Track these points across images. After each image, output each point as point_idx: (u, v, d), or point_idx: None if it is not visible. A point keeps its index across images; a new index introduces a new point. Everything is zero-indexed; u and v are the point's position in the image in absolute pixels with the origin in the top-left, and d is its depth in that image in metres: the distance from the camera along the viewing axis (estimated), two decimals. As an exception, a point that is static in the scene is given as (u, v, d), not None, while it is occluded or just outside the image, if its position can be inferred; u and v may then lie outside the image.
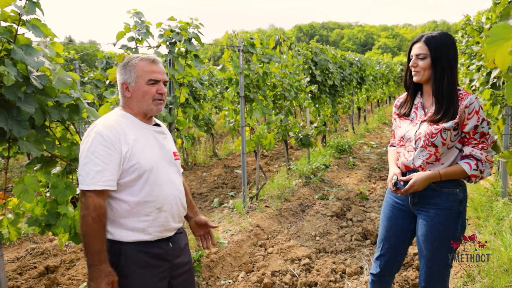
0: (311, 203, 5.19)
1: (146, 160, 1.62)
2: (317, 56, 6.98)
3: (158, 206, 1.64)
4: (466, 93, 1.90)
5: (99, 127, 1.59)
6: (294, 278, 3.22)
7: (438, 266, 1.96)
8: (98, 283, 1.50)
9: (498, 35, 1.22)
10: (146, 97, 1.67)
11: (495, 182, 4.24)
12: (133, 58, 1.72)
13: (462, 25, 5.73)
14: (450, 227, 1.93)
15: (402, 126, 2.05)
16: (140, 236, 1.62)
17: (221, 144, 10.22)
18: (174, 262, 1.74)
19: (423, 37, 1.91)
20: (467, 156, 1.90)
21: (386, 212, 2.17)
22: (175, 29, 3.49)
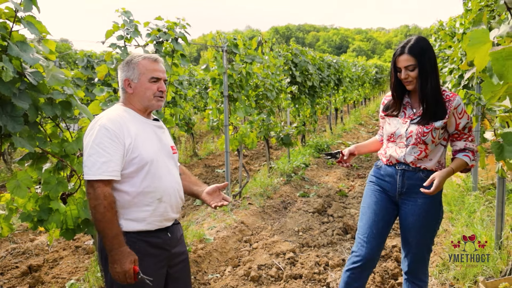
0: (293, 200, 5.33)
1: (147, 152, 1.69)
2: (297, 58, 7.14)
3: (158, 197, 1.71)
4: (452, 94, 2.04)
5: (103, 120, 1.65)
6: (280, 271, 3.33)
7: (423, 252, 2.11)
8: (122, 263, 1.55)
9: (477, 39, 1.37)
10: (148, 93, 1.76)
11: (466, 178, 4.50)
12: (136, 56, 1.80)
13: (435, 30, 6.02)
14: (435, 214, 2.09)
15: (392, 123, 2.14)
16: (140, 225, 1.69)
17: (201, 144, 10.24)
18: (172, 251, 1.81)
19: (406, 47, 2.00)
20: (462, 149, 2.06)
21: (372, 197, 2.20)
22: (162, 29, 3.54)
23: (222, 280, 3.25)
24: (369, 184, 2.29)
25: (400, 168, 2.11)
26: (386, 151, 2.19)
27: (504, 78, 1.10)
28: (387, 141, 2.20)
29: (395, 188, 2.13)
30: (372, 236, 2.13)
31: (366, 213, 2.21)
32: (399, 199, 2.14)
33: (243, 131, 5.15)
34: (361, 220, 2.23)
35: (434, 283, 2.87)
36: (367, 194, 2.27)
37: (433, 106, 2.00)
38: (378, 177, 2.22)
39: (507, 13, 1.71)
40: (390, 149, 2.15)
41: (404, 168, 2.09)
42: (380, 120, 2.31)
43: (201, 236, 3.84)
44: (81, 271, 3.65)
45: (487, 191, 4.07)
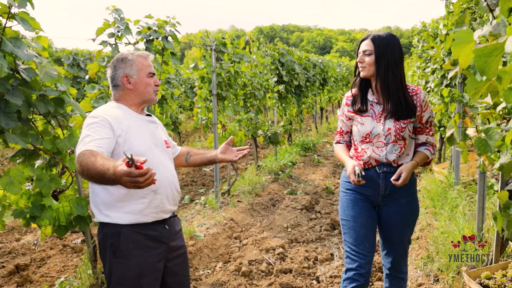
0: (281, 197, 5.40)
1: (139, 145, 1.73)
2: (283, 57, 7.23)
3: (154, 188, 1.73)
4: (417, 87, 2.06)
5: (98, 112, 1.71)
6: (270, 266, 3.39)
7: (405, 247, 2.16)
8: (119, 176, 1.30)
9: (462, 39, 1.45)
10: (148, 88, 1.83)
11: (448, 174, 4.65)
12: (129, 53, 1.85)
13: (418, 31, 6.19)
14: (416, 209, 2.15)
15: (365, 123, 2.04)
16: (137, 218, 1.71)
17: (187, 143, 10.23)
18: (170, 244, 1.83)
19: (371, 35, 2.03)
20: (423, 143, 2.10)
21: (356, 209, 2.07)
22: (152, 27, 3.56)
23: (213, 276, 3.29)
24: (347, 193, 2.12)
25: (381, 171, 2.03)
26: (363, 153, 2.06)
27: (486, 74, 1.17)
28: (361, 142, 2.08)
29: (378, 192, 2.05)
30: (367, 250, 2.02)
31: (353, 227, 2.06)
32: (381, 202, 2.09)
33: (232, 129, 5.20)
34: (350, 236, 2.07)
35: (419, 275, 2.98)
36: (348, 206, 2.10)
37: (401, 101, 1.98)
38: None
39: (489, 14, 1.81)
40: (368, 151, 2.04)
41: (385, 170, 2.02)
42: (345, 123, 2.18)
43: (192, 233, 3.86)
44: (70, 269, 3.63)
45: (469, 187, 4.22)
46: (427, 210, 4.12)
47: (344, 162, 2.07)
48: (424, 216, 3.97)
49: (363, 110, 2.06)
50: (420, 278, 2.93)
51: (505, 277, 2.23)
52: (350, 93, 2.16)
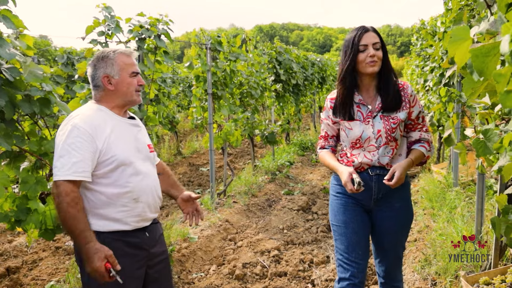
0: (278, 198, 5.33)
1: (122, 152, 1.65)
2: (281, 56, 7.15)
3: (135, 197, 1.67)
4: (404, 82, 1.96)
5: (76, 120, 1.60)
6: (265, 269, 3.33)
7: (400, 253, 2.06)
8: (90, 261, 1.50)
9: (458, 36, 1.38)
10: (131, 88, 1.72)
11: (447, 175, 4.58)
12: (110, 51, 1.73)
13: (417, 29, 6.11)
14: (410, 214, 2.04)
15: (354, 128, 1.91)
16: (117, 226, 1.65)
17: (185, 142, 10.16)
18: (151, 251, 1.77)
19: (368, 27, 1.87)
20: (418, 140, 1.97)
21: (347, 214, 1.96)
22: (144, 25, 3.48)
23: (206, 279, 3.23)
24: (337, 197, 2.01)
25: (374, 174, 1.91)
26: (353, 159, 1.94)
27: (483, 74, 1.10)
28: (351, 148, 1.95)
29: (370, 196, 1.93)
30: (360, 258, 1.92)
31: (345, 233, 1.95)
32: (373, 206, 1.97)
33: (228, 129, 5.13)
34: (341, 243, 1.96)
35: (416, 278, 2.91)
36: (338, 210, 1.99)
37: (393, 93, 1.88)
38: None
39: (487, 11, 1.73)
40: (359, 156, 1.92)
41: (378, 172, 1.91)
42: (331, 127, 2.02)
43: (185, 235, 3.80)
44: (61, 272, 3.57)
45: (468, 187, 4.15)
46: (425, 211, 4.06)
47: (336, 169, 1.91)
48: (422, 218, 3.90)
49: (351, 117, 1.91)
50: (417, 281, 2.86)
51: (504, 282, 2.16)
52: (333, 94, 2.00)
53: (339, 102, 1.94)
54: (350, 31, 1.93)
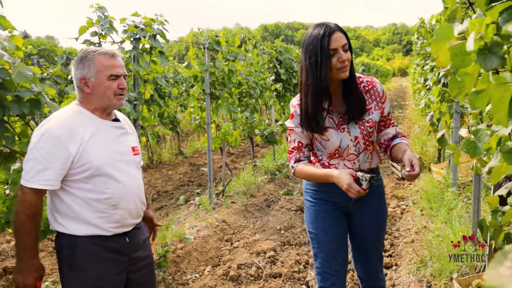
0: (277, 198, 5.31)
1: (99, 157, 1.58)
2: (281, 55, 7.12)
3: (114, 203, 1.62)
4: (371, 78, 1.84)
5: (51, 124, 1.55)
6: (260, 270, 3.30)
7: (381, 251, 2.02)
8: (25, 276, 1.53)
9: (441, 35, 1.35)
10: (108, 92, 1.63)
11: (446, 175, 4.53)
12: (91, 51, 1.65)
13: (417, 28, 6.06)
14: (386, 210, 1.99)
15: (331, 138, 1.77)
16: (95, 230, 1.60)
17: (186, 142, 10.17)
18: (133, 256, 1.72)
19: (335, 25, 1.68)
20: (395, 136, 1.86)
21: (326, 220, 1.86)
22: (139, 25, 3.47)
23: (201, 280, 3.21)
24: (314, 203, 1.89)
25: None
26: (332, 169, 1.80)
27: (464, 73, 1.07)
28: (329, 158, 1.83)
29: (350, 198, 1.82)
30: (340, 265, 1.86)
31: (324, 241, 1.86)
32: (353, 207, 1.90)
33: (226, 129, 5.11)
34: (321, 251, 1.86)
35: (411, 280, 2.87)
36: (317, 217, 1.88)
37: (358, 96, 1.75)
38: (326, 191, 1.85)
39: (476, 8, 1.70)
40: (339, 166, 1.81)
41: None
42: (303, 135, 1.83)
43: (181, 236, 3.79)
44: (57, 273, 3.57)
45: (467, 187, 4.10)
46: (424, 212, 4.01)
47: (329, 175, 1.68)
48: (419, 219, 3.86)
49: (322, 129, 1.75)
50: (412, 283, 2.83)
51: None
52: (296, 101, 1.82)
53: (308, 113, 1.75)
54: (312, 28, 1.71)
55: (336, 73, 1.68)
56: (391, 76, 44.29)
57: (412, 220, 4.02)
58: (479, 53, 0.79)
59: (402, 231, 3.88)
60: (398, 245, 3.61)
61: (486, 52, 0.78)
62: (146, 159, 8.15)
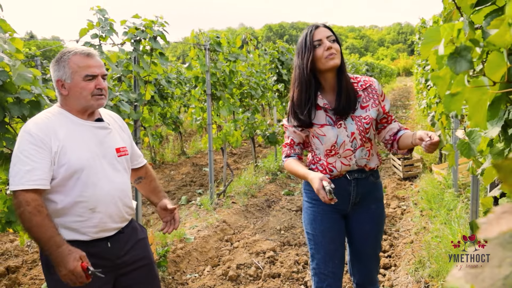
0: (277, 198, 5.32)
1: (77, 158, 1.55)
2: (283, 56, 7.13)
3: (91, 207, 1.57)
4: (368, 78, 1.89)
5: (29, 125, 1.54)
6: (259, 270, 3.32)
7: (377, 256, 2.02)
8: (65, 263, 1.43)
9: (430, 37, 1.36)
10: (84, 93, 1.58)
11: (447, 175, 4.52)
12: (66, 52, 1.60)
13: (418, 28, 6.04)
14: (384, 214, 2.01)
15: (327, 133, 1.80)
16: (74, 235, 1.56)
17: (189, 142, 10.21)
18: (118, 261, 1.68)
19: (320, 24, 1.79)
20: (398, 129, 1.89)
21: (324, 222, 1.88)
22: (140, 27, 3.50)
23: (200, 280, 3.24)
24: (313, 204, 1.91)
25: (352, 178, 1.85)
26: (331, 168, 1.85)
27: (450, 76, 1.09)
28: (326, 156, 1.85)
29: (348, 200, 1.88)
30: (337, 267, 1.88)
31: (321, 242, 1.88)
32: (350, 211, 1.92)
33: (227, 129, 5.13)
34: (318, 252, 1.89)
35: (409, 281, 2.88)
36: (315, 218, 1.89)
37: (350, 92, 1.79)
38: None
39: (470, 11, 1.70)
40: (336, 164, 1.83)
41: (356, 176, 1.86)
42: (297, 134, 1.89)
43: (181, 236, 3.82)
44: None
45: (467, 188, 4.09)
46: (423, 212, 4.01)
47: (306, 176, 1.75)
48: (419, 219, 3.86)
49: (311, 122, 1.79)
50: (410, 284, 2.83)
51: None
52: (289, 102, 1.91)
53: (295, 104, 1.82)
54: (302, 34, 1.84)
55: (325, 62, 1.73)
56: (396, 76, 44.12)
57: (412, 220, 4.02)
58: (450, 56, 0.80)
59: (401, 232, 3.89)
60: (397, 246, 3.62)
61: (456, 56, 0.79)
62: (148, 160, 8.20)
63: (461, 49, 0.78)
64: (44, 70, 6.51)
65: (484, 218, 0.40)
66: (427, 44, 1.39)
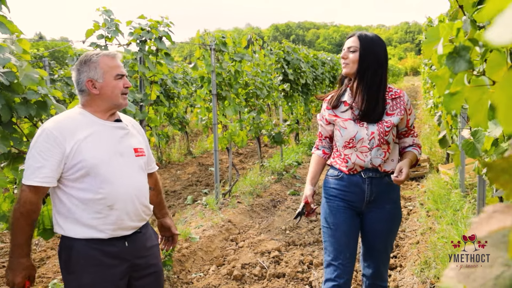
0: (283, 198, 5.32)
1: (94, 157, 1.60)
2: (289, 55, 7.12)
3: (109, 203, 1.62)
4: (400, 90, 2.01)
5: (47, 123, 1.62)
6: (264, 270, 3.33)
7: (388, 254, 2.10)
8: (15, 275, 1.55)
9: (433, 37, 1.35)
10: (116, 91, 1.68)
11: (454, 175, 4.48)
12: (93, 55, 1.70)
13: (425, 27, 6.00)
14: (400, 215, 2.09)
15: (348, 127, 1.97)
16: (92, 233, 1.60)
17: (196, 142, 10.24)
18: (135, 262, 1.71)
19: (358, 33, 1.98)
20: (410, 145, 2.05)
21: (338, 216, 1.99)
22: (145, 28, 3.52)
23: (205, 279, 3.25)
24: (329, 199, 2.04)
25: (367, 176, 1.96)
26: (346, 159, 1.99)
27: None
28: (344, 148, 1.99)
29: (363, 198, 1.98)
30: (347, 260, 1.96)
31: (334, 235, 1.99)
32: (365, 209, 2.02)
33: (233, 129, 5.14)
34: (331, 244, 2.00)
35: (415, 282, 2.86)
36: (330, 213, 2.02)
37: (376, 104, 1.92)
38: (340, 189, 2.00)
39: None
40: (352, 156, 1.97)
41: (371, 175, 1.96)
42: (324, 128, 2.10)
43: (187, 235, 3.83)
44: (66, 270, 3.65)
45: (474, 189, 4.06)
46: (430, 213, 3.98)
47: (306, 183, 2.07)
48: (425, 220, 3.83)
49: (335, 105, 2.03)
50: (415, 285, 2.82)
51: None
52: (329, 94, 2.11)
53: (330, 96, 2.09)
54: None
55: (343, 68, 1.98)
56: (403, 76, 43.81)
57: (418, 221, 3.99)
58: (449, 56, 0.80)
59: (407, 232, 3.86)
60: (403, 246, 3.60)
61: (455, 55, 0.79)
62: (155, 159, 8.24)
63: (459, 48, 0.78)
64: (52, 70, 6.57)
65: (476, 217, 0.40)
66: (429, 43, 1.38)
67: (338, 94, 2.04)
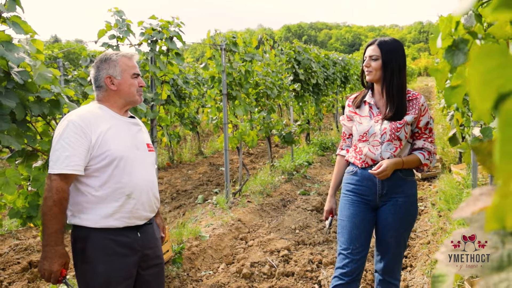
0: (293, 198, 5.32)
1: (117, 147, 1.70)
2: (300, 55, 7.12)
3: (128, 192, 1.70)
4: (417, 93, 2.11)
5: (72, 116, 1.69)
6: (273, 268, 3.33)
7: (401, 250, 2.10)
8: (52, 263, 1.58)
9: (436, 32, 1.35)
10: (132, 88, 1.81)
11: (466, 175, 4.42)
12: (113, 54, 1.83)
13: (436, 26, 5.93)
14: (414, 211, 2.11)
15: (363, 122, 2.10)
16: (107, 221, 1.67)
17: (207, 142, 10.29)
18: (145, 252, 1.79)
19: (377, 41, 2.08)
20: (420, 148, 2.09)
21: (351, 209, 2.10)
22: (156, 28, 3.57)
23: (214, 277, 3.27)
24: (345, 194, 2.16)
25: None
26: (359, 152, 2.12)
27: (457, 71, 1.08)
28: (359, 141, 2.13)
29: (375, 192, 2.07)
30: (356, 250, 2.05)
31: (346, 227, 2.10)
32: (379, 202, 2.09)
33: (243, 129, 5.16)
34: (342, 235, 2.11)
35: (425, 282, 2.84)
36: (344, 206, 2.14)
37: (397, 102, 2.04)
38: (355, 183, 2.11)
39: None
40: (364, 149, 2.09)
41: None
42: (346, 126, 2.25)
43: (197, 234, 3.86)
44: (78, 267, 3.71)
45: (487, 189, 3.99)
46: (441, 213, 3.93)
47: (330, 190, 2.27)
48: (436, 220, 3.79)
49: (358, 105, 2.15)
50: (426, 285, 2.79)
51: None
52: (354, 94, 2.25)
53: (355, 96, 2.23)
54: None
55: (366, 76, 2.10)
56: (416, 76, 43.28)
57: (429, 221, 3.95)
58: (448, 49, 0.80)
59: (418, 233, 3.83)
60: (414, 246, 3.57)
61: (454, 48, 0.79)
62: (166, 159, 8.32)
63: (458, 41, 0.78)
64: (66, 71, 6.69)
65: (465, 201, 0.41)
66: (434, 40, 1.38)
67: (363, 95, 2.16)
